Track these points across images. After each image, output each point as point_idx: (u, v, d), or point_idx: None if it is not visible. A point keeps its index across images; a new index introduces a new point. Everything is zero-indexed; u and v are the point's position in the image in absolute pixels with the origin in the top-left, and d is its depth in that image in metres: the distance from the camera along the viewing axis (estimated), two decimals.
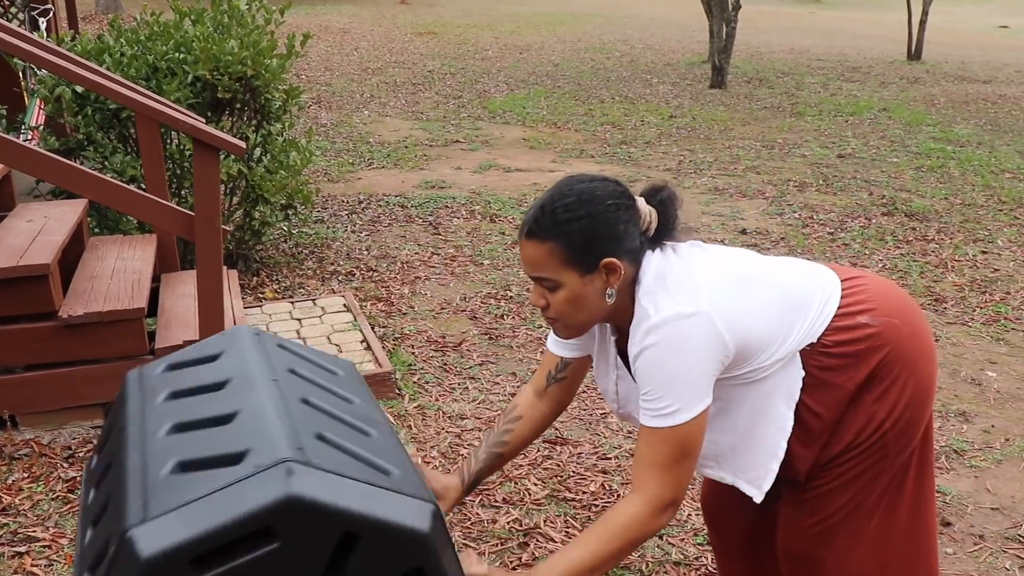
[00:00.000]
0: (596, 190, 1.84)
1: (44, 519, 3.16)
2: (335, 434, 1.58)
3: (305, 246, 6.23)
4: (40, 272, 3.59)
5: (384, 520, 1.43)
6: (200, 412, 1.62)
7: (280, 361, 1.80)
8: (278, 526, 1.37)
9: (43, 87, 5.18)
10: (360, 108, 11.55)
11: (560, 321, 1.91)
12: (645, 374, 1.83)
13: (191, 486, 1.41)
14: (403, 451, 1.69)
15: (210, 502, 1.38)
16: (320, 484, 1.41)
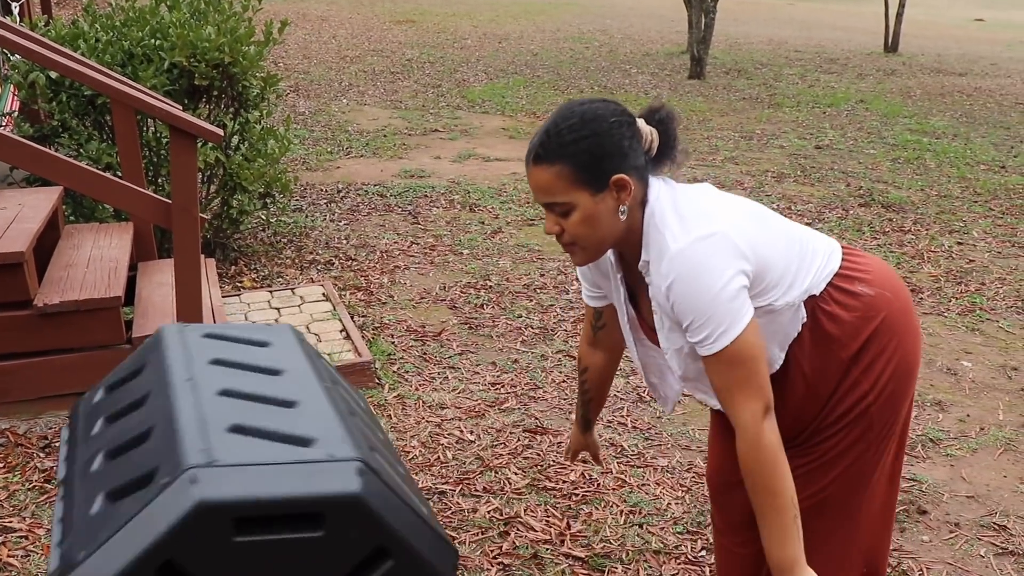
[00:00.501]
0: (598, 109, 1.85)
1: (20, 509, 3.14)
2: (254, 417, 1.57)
3: (283, 235, 6.19)
4: (15, 260, 3.55)
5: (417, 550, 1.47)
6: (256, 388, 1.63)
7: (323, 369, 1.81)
8: (330, 517, 1.38)
9: (16, 73, 5.12)
10: (338, 96, 11.49)
11: (577, 244, 1.89)
12: (682, 309, 1.82)
13: (254, 451, 1.42)
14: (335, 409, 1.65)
15: (276, 471, 1.39)
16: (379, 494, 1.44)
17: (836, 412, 2.01)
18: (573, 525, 3.16)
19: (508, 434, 3.75)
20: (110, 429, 1.64)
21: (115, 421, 1.65)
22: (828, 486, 2.06)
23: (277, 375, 1.69)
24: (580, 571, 2.93)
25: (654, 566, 2.97)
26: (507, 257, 5.86)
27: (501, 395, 4.07)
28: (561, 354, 4.49)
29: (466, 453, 3.60)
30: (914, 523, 3.25)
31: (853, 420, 2.00)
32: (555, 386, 4.16)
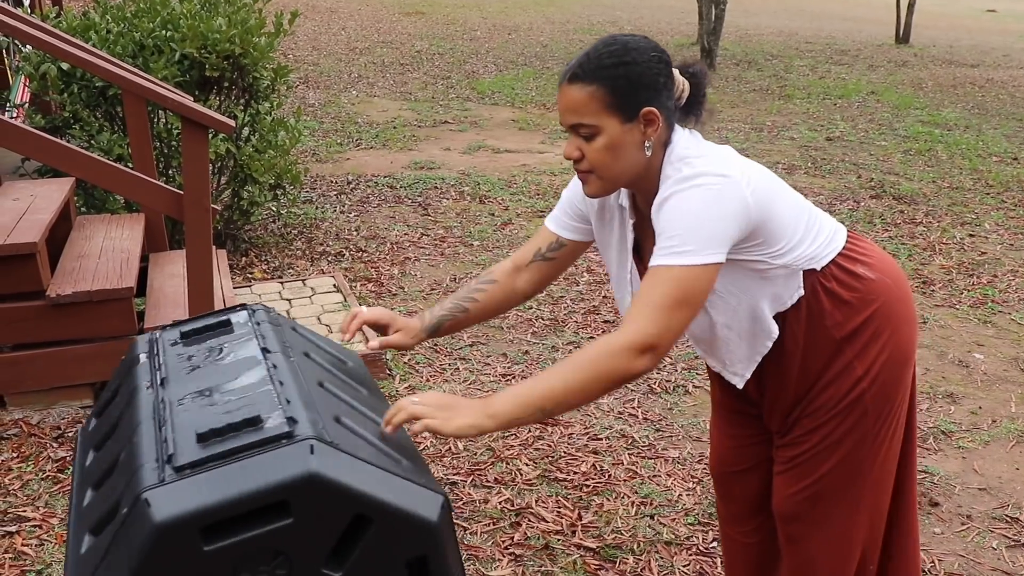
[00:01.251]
0: (640, 42, 1.86)
1: (34, 499, 3.15)
2: (350, 419, 1.58)
3: (294, 226, 6.20)
4: (27, 251, 3.56)
5: (396, 506, 1.44)
6: (217, 382, 1.62)
7: (295, 344, 1.80)
8: (294, 502, 1.37)
9: (28, 64, 5.13)
10: (348, 88, 11.49)
11: (595, 172, 1.87)
12: (667, 218, 1.79)
13: (209, 454, 1.41)
14: (411, 441, 1.69)
15: (228, 472, 1.38)
16: (340, 465, 1.41)
17: (829, 395, 2.00)
18: (584, 516, 3.17)
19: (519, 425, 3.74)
20: (96, 459, 1.65)
21: (100, 450, 1.66)
22: (824, 476, 2.05)
23: (240, 363, 1.68)
24: (591, 562, 2.94)
25: (665, 557, 2.97)
26: (517, 248, 5.84)
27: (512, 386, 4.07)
28: (572, 345, 4.49)
29: (477, 444, 3.60)
30: (926, 515, 3.25)
31: (847, 407, 1.99)
32: None
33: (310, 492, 1.37)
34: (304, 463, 1.38)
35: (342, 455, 1.42)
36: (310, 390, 1.59)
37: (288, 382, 1.58)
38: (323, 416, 1.50)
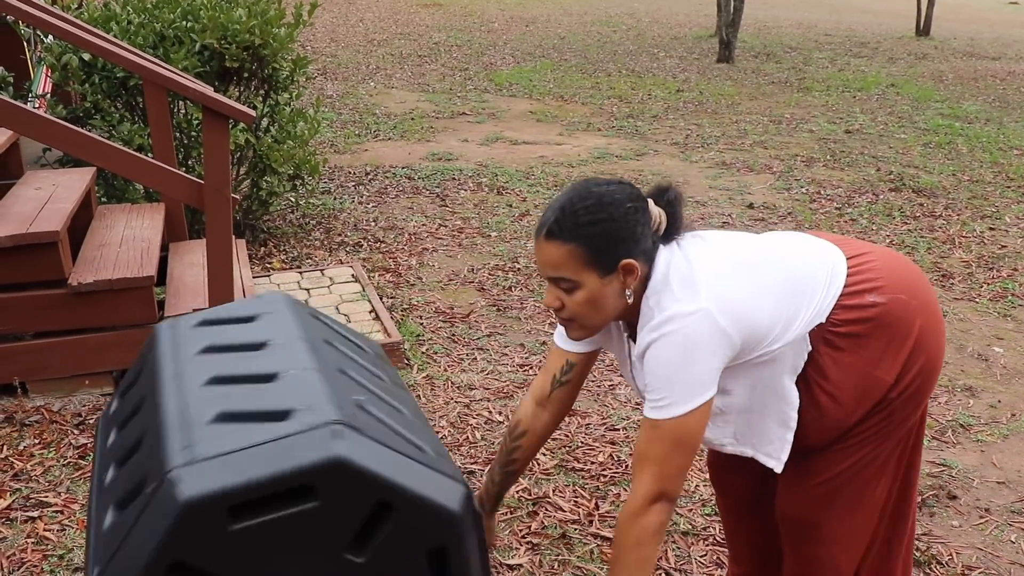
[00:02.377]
0: (615, 193, 1.85)
1: (56, 485, 3.18)
2: (372, 407, 1.60)
3: (312, 217, 6.22)
4: (50, 239, 3.59)
5: (418, 494, 1.44)
6: (241, 368, 1.63)
7: (316, 331, 1.81)
8: (320, 486, 1.39)
9: (50, 55, 5.16)
10: (366, 80, 11.51)
11: (576, 321, 1.91)
12: (649, 371, 1.85)
13: (235, 436, 1.43)
14: (431, 431, 1.70)
15: (256, 453, 1.39)
16: (365, 450, 1.42)
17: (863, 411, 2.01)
18: (601, 506, 3.17)
19: None
20: (119, 438, 1.66)
21: (123, 429, 1.68)
22: (843, 472, 2.05)
23: (263, 350, 1.69)
24: (608, 551, 2.94)
25: (682, 547, 2.98)
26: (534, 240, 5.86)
27: (529, 376, 4.08)
28: None
29: (494, 433, 3.61)
30: (944, 508, 3.24)
31: (874, 410, 2.00)
32: None
33: (336, 476, 1.38)
34: (331, 447, 1.39)
35: (367, 440, 1.43)
36: (333, 377, 1.60)
37: (311, 368, 1.60)
38: (347, 402, 1.51)
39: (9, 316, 3.62)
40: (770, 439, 2.04)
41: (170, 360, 1.70)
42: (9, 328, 3.65)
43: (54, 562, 2.80)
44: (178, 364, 1.67)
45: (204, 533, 1.34)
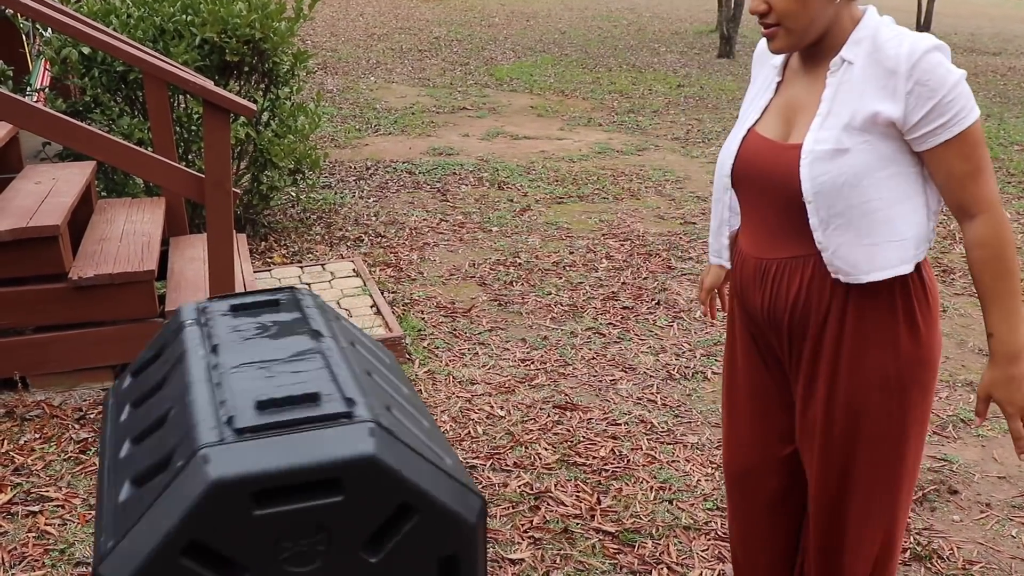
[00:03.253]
0: None
1: (57, 479, 3.18)
2: (398, 412, 1.60)
3: (313, 211, 6.21)
4: (50, 233, 3.58)
5: (440, 502, 1.46)
6: (274, 354, 1.64)
7: (343, 331, 1.82)
8: (347, 480, 1.39)
9: (49, 48, 5.15)
10: (366, 74, 11.50)
11: (783, 25, 1.82)
12: (932, 81, 1.74)
13: (268, 422, 1.43)
14: (448, 444, 1.71)
15: (288, 441, 1.40)
16: (395, 452, 1.43)
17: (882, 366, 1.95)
18: (603, 500, 3.17)
19: (538, 410, 3.76)
20: (136, 414, 1.66)
21: (140, 406, 1.68)
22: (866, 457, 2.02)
23: (292, 342, 1.70)
24: (610, 546, 2.94)
25: (684, 542, 2.98)
26: (536, 235, 5.86)
27: (531, 371, 4.08)
28: (591, 331, 4.49)
29: (496, 428, 3.61)
30: (945, 502, 3.24)
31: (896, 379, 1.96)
32: (585, 363, 4.16)
33: (365, 473, 1.39)
34: (364, 444, 1.40)
35: (398, 443, 1.44)
36: (363, 377, 1.60)
37: (341, 366, 1.60)
38: (378, 403, 1.52)
39: (9, 310, 3.62)
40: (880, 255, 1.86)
41: (199, 341, 1.70)
42: (9, 322, 3.64)
43: (55, 556, 2.79)
44: (208, 345, 1.67)
45: (226, 515, 1.35)
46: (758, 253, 1.98)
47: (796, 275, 1.92)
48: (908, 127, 1.77)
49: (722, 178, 2.02)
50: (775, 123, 1.94)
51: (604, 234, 5.92)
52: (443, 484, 1.47)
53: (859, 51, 1.82)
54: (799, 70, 1.95)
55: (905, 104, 1.76)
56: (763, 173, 1.91)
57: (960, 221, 1.86)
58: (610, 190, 6.91)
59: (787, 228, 1.91)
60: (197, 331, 1.75)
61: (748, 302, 2.05)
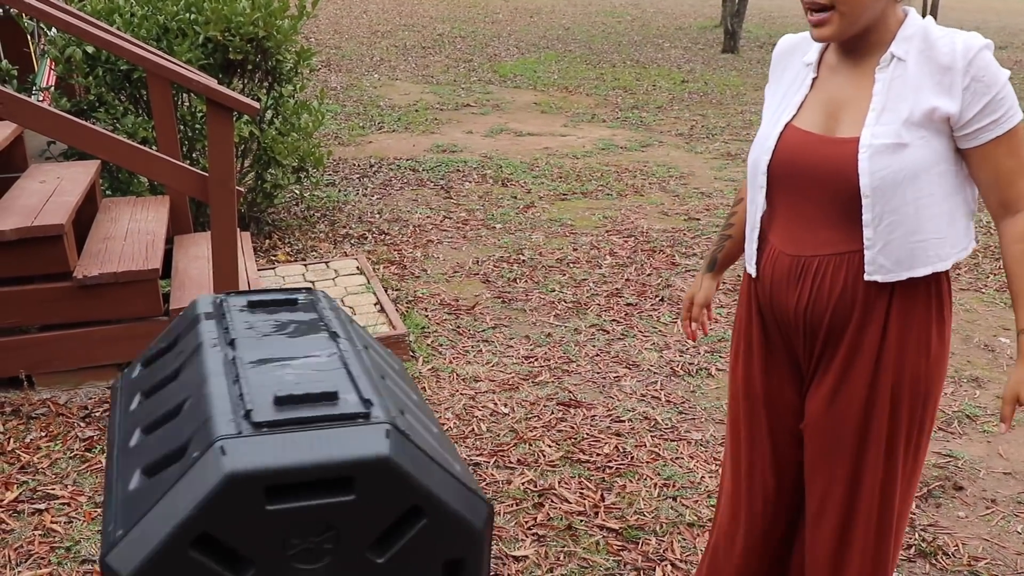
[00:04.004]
0: None
1: (62, 477, 3.19)
2: (411, 416, 1.61)
3: (317, 209, 6.22)
4: (54, 232, 3.59)
5: (450, 506, 1.46)
6: (292, 352, 1.64)
7: (357, 335, 1.82)
8: (360, 480, 1.39)
9: (54, 48, 5.16)
10: (370, 71, 11.49)
11: (838, 9, 1.79)
12: (987, 78, 1.77)
13: (285, 418, 1.44)
14: (456, 451, 1.72)
15: (304, 438, 1.41)
16: (409, 455, 1.44)
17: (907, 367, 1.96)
18: (607, 497, 3.17)
19: (542, 407, 3.76)
20: (147, 404, 1.66)
21: (151, 395, 1.68)
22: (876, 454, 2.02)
23: (310, 341, 1.71)
24: (614, 543, 2.94)
25: (688, 538, 2.98)
26: (540, 231, 5.86)
27: (535, 368, 4.08)
28: (594, 328, 4.49)
29: (500, 425, 3.61)
30: (950, 499, 3.24)
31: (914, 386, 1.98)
32: (588, 360, 4.17)
33: (378, 474, 1.40)
34: (379, 445, 1.41)
35: (412, 446, 1.45)
36: (378, 380, 1.61)
37: (357, 368, 1.61)
38: (393, 406, 1.53)
39: (15, 309, 3.63)
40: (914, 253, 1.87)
41: (216, 334, 1.70)
42: (15, 321, 3.65)
43: (61, 554, 2.80)
44: (222, 337, 1.68)
45: (239, 509, 1.35)
46: (795, 251, 1.94)
47: (841, 271, 1.89)
48: (963, 122, 1.78)
49: (758, 176, 1.98)
50: (817, 118, 1.91)
51: (608, 231, 5.91)
52: (453, 489, 1.48)
53: (910, 48, 1.82)
54: (838, 66, 1.92)
55: (962, 100, 1.77)
56: (810, 167, 1.88)
57: (1001, 218, 1.87)
58: (614, 186, 6.90)
59: (831, 223, 1.89)
60: (214, 324, 1.75)
61: (780, 302, 2.00)
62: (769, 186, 1.98)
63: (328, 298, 1.92)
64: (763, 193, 1.99)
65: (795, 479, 2.22)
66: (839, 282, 1.89)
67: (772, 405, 2.15)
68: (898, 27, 1.84)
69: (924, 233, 1.82)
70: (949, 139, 1.81)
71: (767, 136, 1.96)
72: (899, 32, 1.83)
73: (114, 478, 1.55)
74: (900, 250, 1.83)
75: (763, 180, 1.97)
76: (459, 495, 1.49)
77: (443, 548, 1.48)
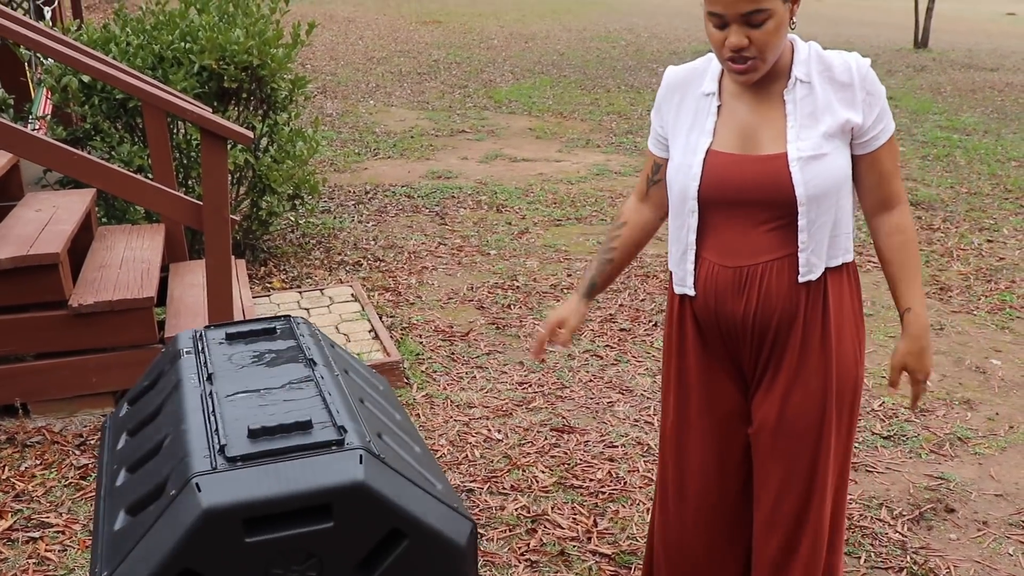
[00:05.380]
0: None
1: (57, 505, 3.20)
2: (390, 438, 1.62)
3: (312, 236, 6.25)
4: (50, 261, 3.61)
5: (431, 526, 1.48)
6: (268, 383, 1.66)
7: (337, 359, 1.84)
8: (337, 507, 1.41)
9: (50, 77, 5.20)
10: (366, 98, 11.55)
11: (760, 56, 1.96)
12: (876, 92, 2.02)
13: (261, 450, 1.45)
14: (440, 469, 1.74)
15: (279, 469, 1.43)
16: (385, 479, 1.46)
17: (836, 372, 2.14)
18: (600, 523, 3.19)
19: (535, 433, 3.77)
20: (132, 442, 1.69)
21: (136, 434, 1.70)
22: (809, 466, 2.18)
23: (287, 370, 1.73)
24: (607, 568, 2.95)
25: None
26: (534, 257, 5.89)
27: (528, 394, 4.10)
28: (588, 354, 4.51)
29: (494, 451, 3.63)
30: (941, 521, 3.25)
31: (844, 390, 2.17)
32: (582, 385, 4.18)
33: (354, 500, 1.41)
34: (353, 471, 1.42)
35: (388, 469, 1.47)
36: (355, 405, 1.63)
37: (334, 394, 1.63)
38: (369, 430, 1.54)
39: (10, 337, 3.65)
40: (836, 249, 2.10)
41: (194, 369, 1.73)
42: (10, 349, 3.67)
43: None
44: (204, 374, 1.70)
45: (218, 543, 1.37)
46: (734, 262, 2.08)
47: (783, 274, 2.06)
48: (864, 129, 2.02)
49: (688, 201, 2.11)
50: (734, 140, 2.07)
51: None
52: (433, 509, 1.50)
53: (809, 71, 2.03)
54: (741, 93, 2.09)
55: (863, 111, 2.01)
56: (741, 184, 2.03)
57: (876, 216, 2.12)
58: (608, 212, 6.94)
59: (766, 232, 2.05)
60: (193, 360, 1.78)
61: (725, 313, 2.12)
62: (700, 208, 2.11)
63: (308, 324, 1.94)
64: (695, 216, 2.11)
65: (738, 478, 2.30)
66: (783, 284, 2.05)
67: (715, 414, 2.24)
68: (791, 54, 2.04)
69: (840, 228, 2.06)
70: (849, 147, 2.05)
71: (689, 164, 2.10)
72: (794, 58, 2.04)
73: (101, 518, 1.57)
74: (825, 247, 2.05)
75: (694, 205, 2.11)
76: (440, 515, 1.50)
77: (427, 568, 1.49)
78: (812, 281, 2.06)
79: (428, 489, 1.52)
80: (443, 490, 1.59)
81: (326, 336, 1.95)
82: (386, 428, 1.66)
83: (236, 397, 1.62)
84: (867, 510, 3.31)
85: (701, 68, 2.17)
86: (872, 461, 3.62)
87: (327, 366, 1.75)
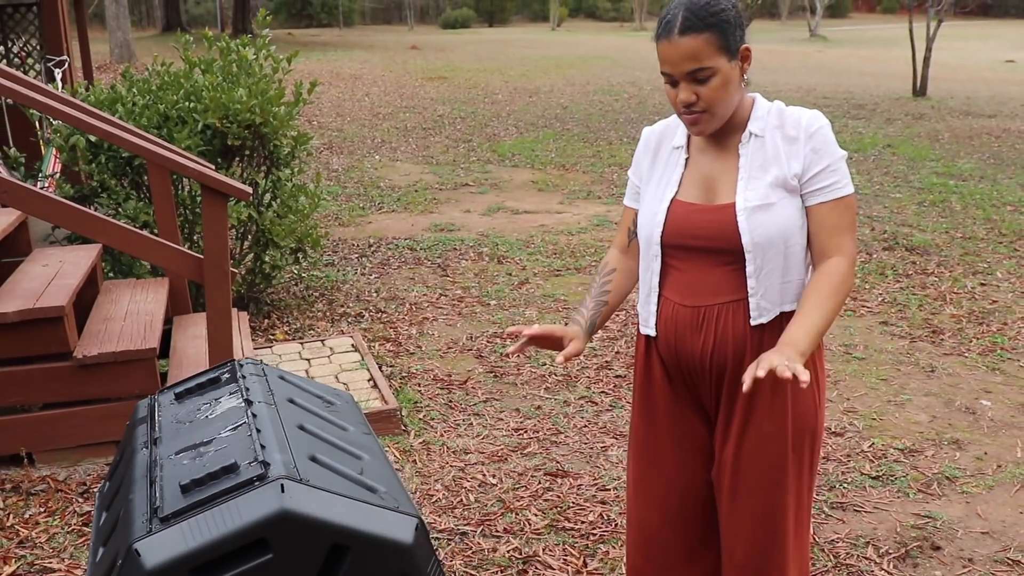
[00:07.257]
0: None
1: (60, 551, 3.27)
2: (328, 456, 1.70)
3: (315, 289, 6.36)
4: (55, 314, 3.72)
5: (370, 533, 1.55)
6: (203, 435, 1.75)
7: (280, 391, 1.93)
8: (271, 538, 1.49)
9: (58, 136, 5.36)
10: (371, 153, 11.75)
11: (709, 111, 2.07)
12: (824, 150, 2.09)
13: (191, 502, 1.54)
14: (392, 472, 1.81)
15: (208, 517, 1.50)
16: (311, 500, 1.53)
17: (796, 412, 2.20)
18: (590, 563, 3.24)
19: (530, 477, 3.84)
20: (107, 518, 1.78)
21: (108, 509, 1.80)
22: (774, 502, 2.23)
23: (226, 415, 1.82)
24: None
25: None
26: (533, 307, 5.99)
27: (524, 440, 4.17)
28: (584, 400, 4.59)
29: (488, 496, 3.70)
30: (927, 559, 3.30)
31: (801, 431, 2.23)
32: (577, 431, 4.26)
33: (285, 527, 1.49)
34: (276, 501, 1.50)
35: (313, 490, 1.54)
36: (287, 433, 1.71)
37: (266, 428, 1.71)
38: (297, 456, 1.63)
39: (17, 389, 3.75)
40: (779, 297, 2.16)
41: (143, 437, 1.82)
42: (17, 400, 3.77)
43: None
44: (149, 440, 1.80)
45: None
46: (693, 302, 2.18)
47: (738, 316, 2.15)
48: (805, 180, 2.10)
49: (652, 246, 2.23)
50: (696, 191, 2.19)
51: None
52: (370, 516, 1.57)
53: (764, 126, 2.14)
54: (705, 147, 2.21)
55: (803, 161, 2.09)
56: (697, 232, 2.15)
57: (819, 262, 2.13)
58: None
59: (720, 276, 2.15)
60: (145, 427, 1.88)
61: (685, 350, 2.21)
62: (663, 252, 2.23)
63: (253, 362, 2.03)
64: (659, 260, 2.23)
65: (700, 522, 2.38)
66: (738, 326, 2.15)
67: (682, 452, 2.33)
68: (750, 110, 2.16)
69: (791, 275, 2.13)
70: (800, 198, 2.12)
71: (655, 212, 2.22)
72: (752, 114, 2.15)
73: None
74: (775, 292, 2.13)
75: (657, 249, 2.23)
76: (379, 519, 1.57)
77: (382, 572, 1.56)
78: (764, 324, 2.13)
79: (364, 498, 1.60)
80: (383, 493, 1.66)
81: (275, 369, 2.04)
82: (325, 447, 1.74)
83: (177, 456, 1.72)
84: (853, 548, 3.36)
85: (674, 124, 2.30)
86: (860, 501, 3.68)
87: (264, 401, 1.83)
